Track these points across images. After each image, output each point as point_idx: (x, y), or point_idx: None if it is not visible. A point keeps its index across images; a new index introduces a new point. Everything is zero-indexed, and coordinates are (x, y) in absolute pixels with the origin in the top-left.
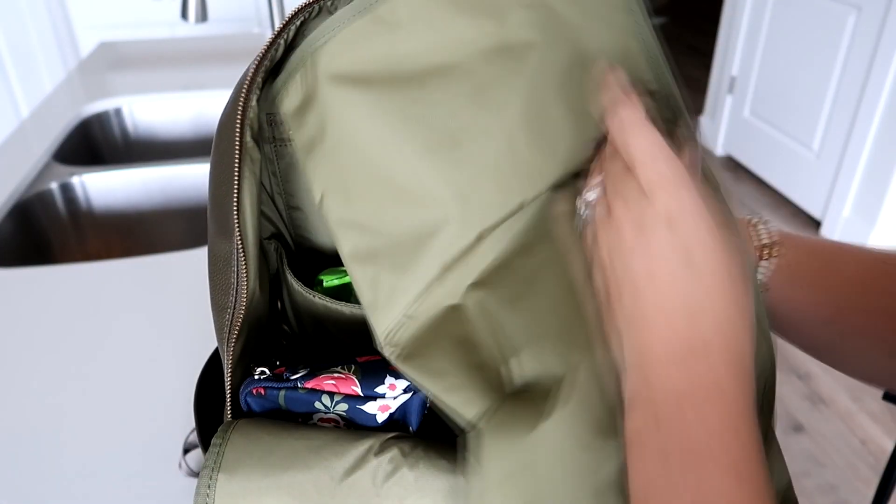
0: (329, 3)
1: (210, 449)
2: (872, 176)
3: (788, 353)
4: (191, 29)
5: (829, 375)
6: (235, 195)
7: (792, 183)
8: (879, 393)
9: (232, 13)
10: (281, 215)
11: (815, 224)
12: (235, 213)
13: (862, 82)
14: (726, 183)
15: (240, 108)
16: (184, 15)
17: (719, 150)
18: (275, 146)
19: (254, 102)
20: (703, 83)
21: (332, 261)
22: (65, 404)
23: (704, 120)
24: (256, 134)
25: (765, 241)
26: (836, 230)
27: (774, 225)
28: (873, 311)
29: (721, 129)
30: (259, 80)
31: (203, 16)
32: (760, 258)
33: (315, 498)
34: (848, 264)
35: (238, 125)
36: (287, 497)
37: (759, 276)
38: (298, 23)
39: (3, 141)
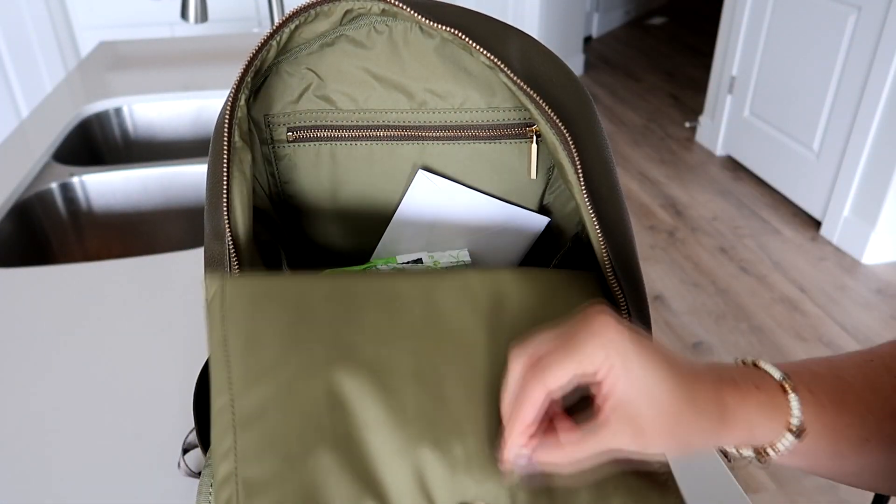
0: (327, 9)
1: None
2: (872, 176)
3: (788, 353)
4: (191, 29)
5: None
6: (225, 195)
7: (792, 183)
8: None
9: (232, 13)
10: (280, 216)
11: (816, 224)
12: (226, 212)
13: (862, 82)
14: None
15: (228, 107)
16: (184, 15)
17: (719, 150)
18: (273, 147)
19: (242, 102)
20: (703, 83)
21: (332, 261)
22: (64, 404)
23: (704, 120)
24: (246, 134)
25: (785, 383)
26: (835, 230)
27: (768, 363)
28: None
29: (721, 129)
30: (248, 80)
31: (203, 16)
32: (785, 392)
33: None
34: (852, 375)
35: (226, 125)
36: None
37: (796, 418)
38: (293, 26)
39: (2, 141)
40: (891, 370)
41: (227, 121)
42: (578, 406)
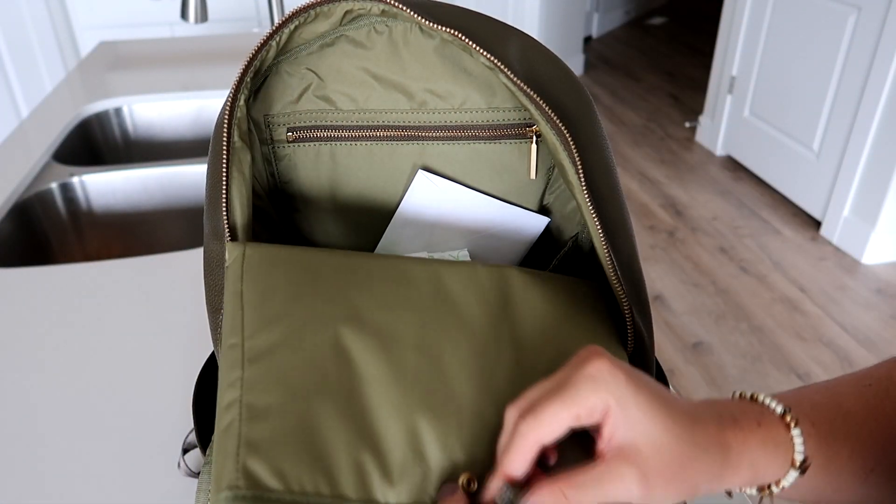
0: (326, 9)
1: (210, 447)
2: (872, 176)
3: (788, 353)
4: (191, 29)
5: (829, 375)
6: (224, 195)
7: (792, 183)
8: None
9: (232, 13)
10: (280, 216)
11: (816, 224)
12: (225, 213)
13: (862, 82)
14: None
15: (227, 108)
16: (184, 15)
17: (719, 150)
18: (273, 147)
19: (241, 102)
20: (703, 83)
21: None
22: (64, 404)
23: (704, 120)
24: (245, 134)
25: (787, 416)
26: (835, 230)
27: (767, 396)
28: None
29: (721, 129)
30: (247, 80)
31: (203, 16)
32: (787, 427)
33: None
34: (852, 402)
35: (225, 125)
36: None
37: (800, 454)
38: (293, 27)
39: (2, 141)
40: (889, 394)
41: (226, 121)
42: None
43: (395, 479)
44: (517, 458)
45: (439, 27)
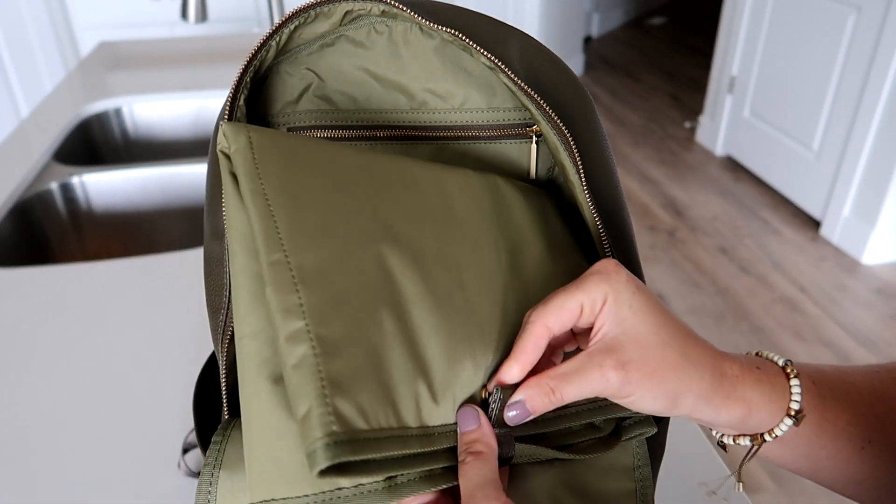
0: (326, 10)
1: (210, 447)
2: (872, 176)
3: (788, 353)
4: (191, 29)
5: None
6: (223, 195)
7: (792, 183)
8: None
9: (232, 13)
10: None
11: (815, 224)
12: (224, 213)
13: (862, 82)
14: (725, 183)
15: (227, 108)
16: (184, 15)
17: (719, 150)
18: None
19: (241, 102)
20: (703, 83)
21: None
22: (64, 404)
23: (704, 120)
24: None
25: (781, 363)
26: (835, 230)
27: (772, 353)
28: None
29: (721, 129)
30: (247, 80)
31: (203, 16)
32: (787, 377)
33: None
34: (858, 380)
35: None
36: None
37: (796, 402)
38: (292, 27)
39: (3, 141)
40: None
41: (226, 119)
42: None
43: (438, 399)
44: (528, 344)
45: (439, 27)
